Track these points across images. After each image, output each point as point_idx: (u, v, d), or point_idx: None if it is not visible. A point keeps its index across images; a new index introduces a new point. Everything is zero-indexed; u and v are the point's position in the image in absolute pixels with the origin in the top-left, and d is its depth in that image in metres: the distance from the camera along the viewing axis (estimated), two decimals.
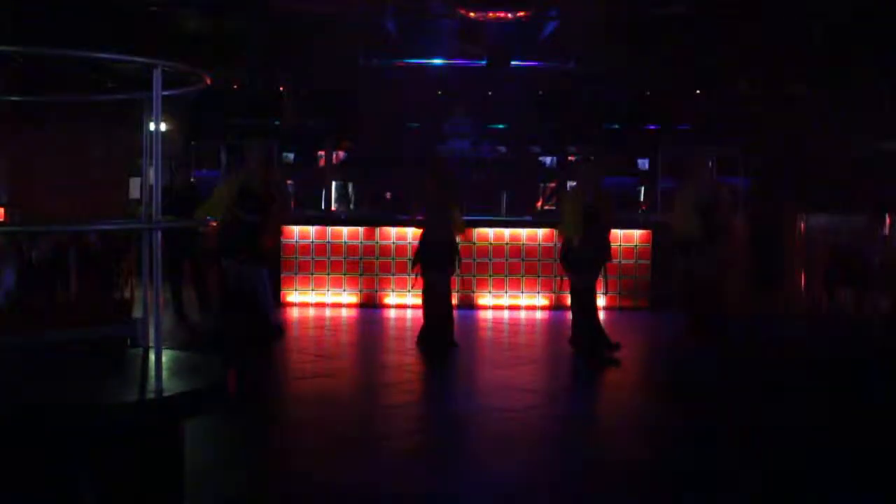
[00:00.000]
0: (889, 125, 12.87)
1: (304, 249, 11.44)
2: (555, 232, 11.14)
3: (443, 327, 8.53)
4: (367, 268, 11.47)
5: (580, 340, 8.25)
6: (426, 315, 8.63)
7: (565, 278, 8.52)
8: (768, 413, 6.34)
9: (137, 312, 4.05)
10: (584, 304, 8.22)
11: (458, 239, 8.67)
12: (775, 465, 5.07)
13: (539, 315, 11.04)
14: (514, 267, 11.47)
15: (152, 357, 3.32)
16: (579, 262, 8.07)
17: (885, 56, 12.11)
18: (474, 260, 11.42)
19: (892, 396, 6.96)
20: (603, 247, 8.21)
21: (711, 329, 9.08)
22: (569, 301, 8.59)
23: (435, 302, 8.54)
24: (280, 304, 10.86)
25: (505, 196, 13.83)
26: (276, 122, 16.93)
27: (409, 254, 9.22)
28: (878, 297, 10.57)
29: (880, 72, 12.47)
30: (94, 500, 3.05)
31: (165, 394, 3.14)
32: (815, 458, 5.26)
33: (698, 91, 16.06)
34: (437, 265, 8.52)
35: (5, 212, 12.27)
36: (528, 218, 12.14)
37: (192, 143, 15.70)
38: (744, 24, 12.75)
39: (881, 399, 6.82)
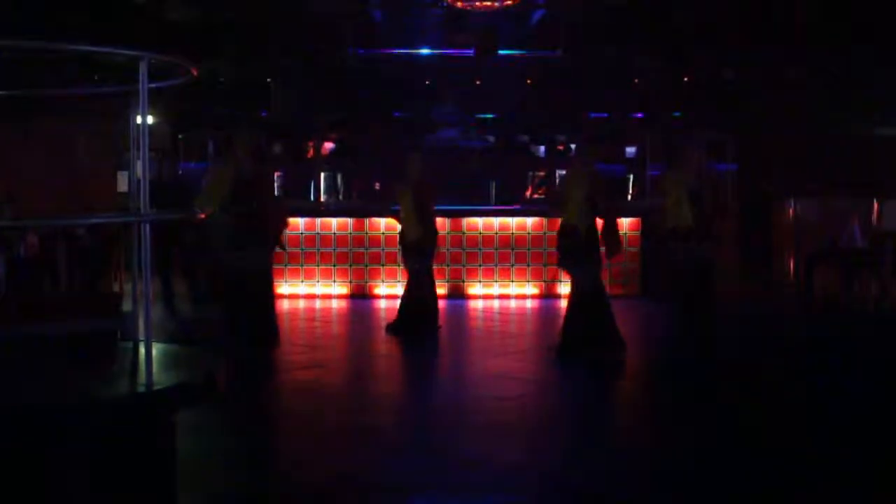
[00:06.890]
0: (879, 110, 12.91)
1: (294, 241, 11.41)
2: (544, 221, 11.18)
3: (427, 313, 8.72)
4: (357, 259, 11.47)
5: (571, 343, 7.53)
6: (406, 305, 8.79)
7: (566, 274, 7.57)
8: (768, 400, 6.38)
9: (127, 306, 4.03)
10: (595, 304, 7.41)
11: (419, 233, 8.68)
12: (777, 456, 5.10)
13: (529, 304, 11.05)
14: (503, 256, 11.48)
15: (142, 350, 3.31)
16: (587, 254, 7.38)
17: (872, 41, 12.14)
18: (464, 249, 11.42)
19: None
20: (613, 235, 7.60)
21: (702, 315, 9.04)
22: (560, 292, 8.06)
23: (419, 288, 8.71)
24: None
25: (494, 185, 13.84)
26: (264, 114, 16.86)
27: (399, 244, 9.23)
28: (868, 281, 10.62)
29: (867, 57, 12.51)
30: (85, 495, 3.04)
31: (156, 387, 3.13)
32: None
33: (686, 78, 16.07)
34: (418, 253, 8.74)
35: None
36: (517, 207, 12.14)
37: (179, 135, 15.65)
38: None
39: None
